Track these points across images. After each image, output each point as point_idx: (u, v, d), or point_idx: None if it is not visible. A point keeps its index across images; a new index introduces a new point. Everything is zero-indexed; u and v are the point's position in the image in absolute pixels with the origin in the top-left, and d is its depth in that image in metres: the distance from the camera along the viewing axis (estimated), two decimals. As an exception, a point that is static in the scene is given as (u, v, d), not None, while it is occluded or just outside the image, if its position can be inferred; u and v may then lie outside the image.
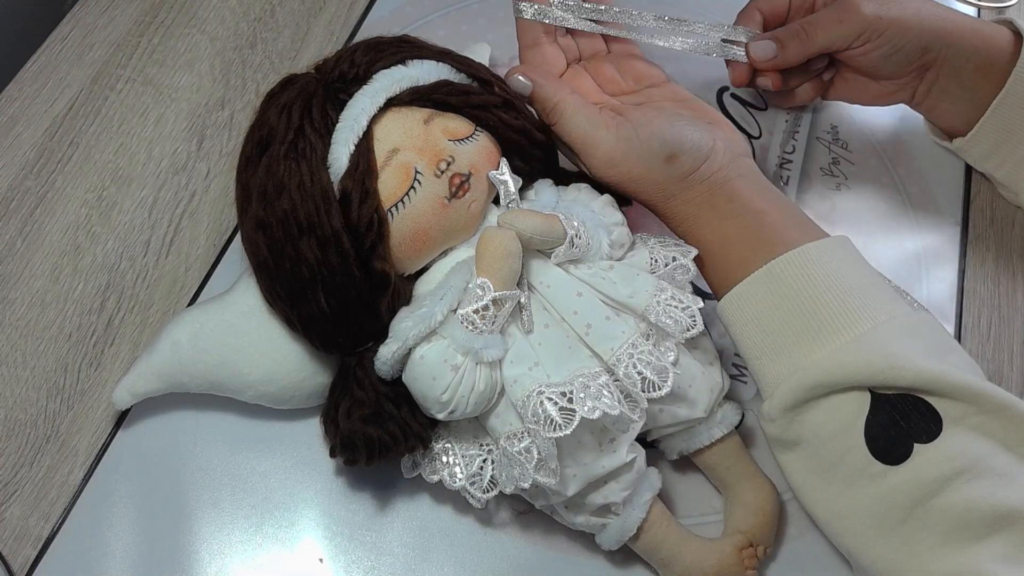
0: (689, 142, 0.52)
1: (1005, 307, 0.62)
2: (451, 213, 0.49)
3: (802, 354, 0.46)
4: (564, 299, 0.49)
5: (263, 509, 0.53)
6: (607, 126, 0.52)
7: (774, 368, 0.47)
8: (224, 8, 0.74)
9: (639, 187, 0.53)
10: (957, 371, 0.44)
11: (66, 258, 0.61)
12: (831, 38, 0.59)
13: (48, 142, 0.66)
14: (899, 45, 0.59)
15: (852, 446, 0.44)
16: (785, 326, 0.47)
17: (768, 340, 0.48)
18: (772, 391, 0.47)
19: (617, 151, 0.52)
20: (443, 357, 0.46)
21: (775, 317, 0.48)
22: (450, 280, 0.48)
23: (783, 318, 0.47)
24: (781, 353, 0.47)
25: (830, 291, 0.47)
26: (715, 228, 0.52)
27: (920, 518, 0.43)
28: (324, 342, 0.50)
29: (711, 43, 0.61)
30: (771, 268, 0.48)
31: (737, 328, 0.50)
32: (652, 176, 0.52)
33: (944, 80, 0.60)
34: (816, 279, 0.47)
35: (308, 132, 0.49)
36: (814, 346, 0.46)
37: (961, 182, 0.67)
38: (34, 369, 0.57)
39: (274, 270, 0.49)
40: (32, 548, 0.52)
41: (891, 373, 0.44)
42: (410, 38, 0.55)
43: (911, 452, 0.43)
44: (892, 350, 0.44)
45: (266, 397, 0.53)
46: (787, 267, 0.48)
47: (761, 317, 0.48)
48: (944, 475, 0.42)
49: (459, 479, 0.49)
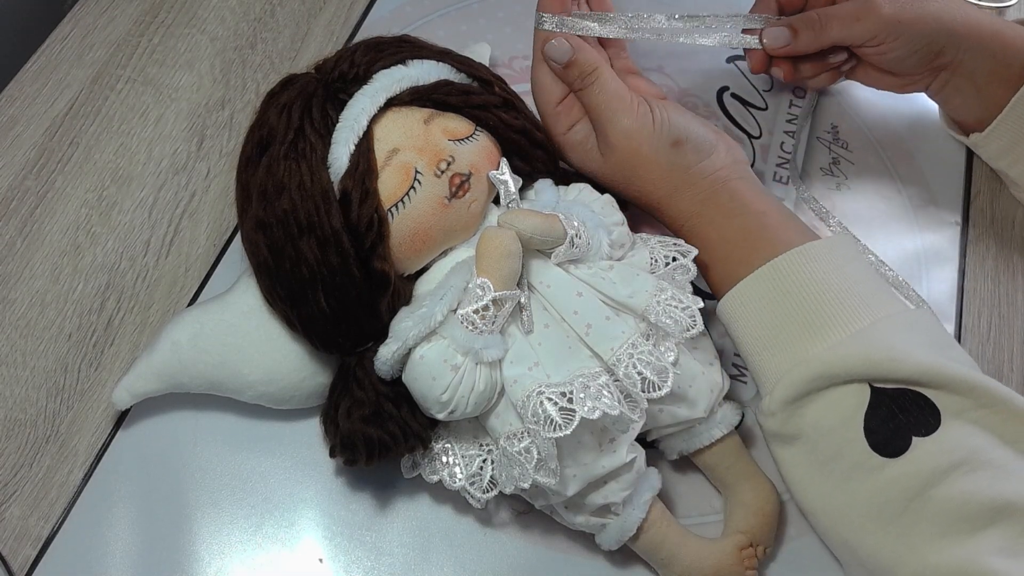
0: (695, 134, 0.54)
1: (1005, 307, 0.62)
2: (451, 213, 0.49)
3: (803, 347, 0.47)
4: (564, 299, 0.49)
5: (263, 509, 0.53)
6: (631, 98, 0.54)
7: (775, 362, 0.48)
8: (224, 8, 0.74)
9: (647, 172, 0.54)
10: (956, 365, 0.45)
11: (66, 258, 0.61)
12: (846, 33, 0.59)
13: (48, 142, 0.66)
14: (914, 48, 0.59)
15: (851, 439, 0.45)
16: (787, 322, 0.48)
17: (770, 336, 0.48)
18: (772, 386, 0.47)
19: (634, 125, 0.53)
20: (443, 357, 0.46)
21: (777, 313, 0.48)
22: (450, 280, 0.48)
23: (785, 314, 0.48)
24: (782, 348, 0.48)
25: (831, 288, 0.47)
26: (717, 226, 0.52)
27: (918, 510, 0.43)
28: (324, 342, 0.50)
29: (732, 34, 0.61)
30: (774, 265, 0.49)
31: (739, 325, 0.50)
32: (658, 159, 0.53)
33: (958, 79, 0.61)
34: (818, 276, 0.48)
35: (308, 132, 0.49)
36: (815, 340, 0.47)
37: (961, 182, 0.67)
38: (34, 369, 0.57)
39: (274, 270, 0.49)
40: (32, 548, 0.52)
41: (890, 366, 0.44)
42: (410, 38, 0.55)
43: (909, 445, 0.44)
44: (891, 343, 0.45)
45: (266, 397, 0.53)
46: (790, 265, 0.49)
47: (763, 314, 0.49)
48: (942, 467, 0.43)
49: (459, 479, 0.49)
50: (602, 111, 0.54)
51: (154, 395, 0.53)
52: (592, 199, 0.54)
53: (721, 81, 0.70)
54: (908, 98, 0.69)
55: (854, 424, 0.45)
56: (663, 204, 0.54)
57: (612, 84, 0.54)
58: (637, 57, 0.71)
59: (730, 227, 0.52)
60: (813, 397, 0.46)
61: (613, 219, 0.53)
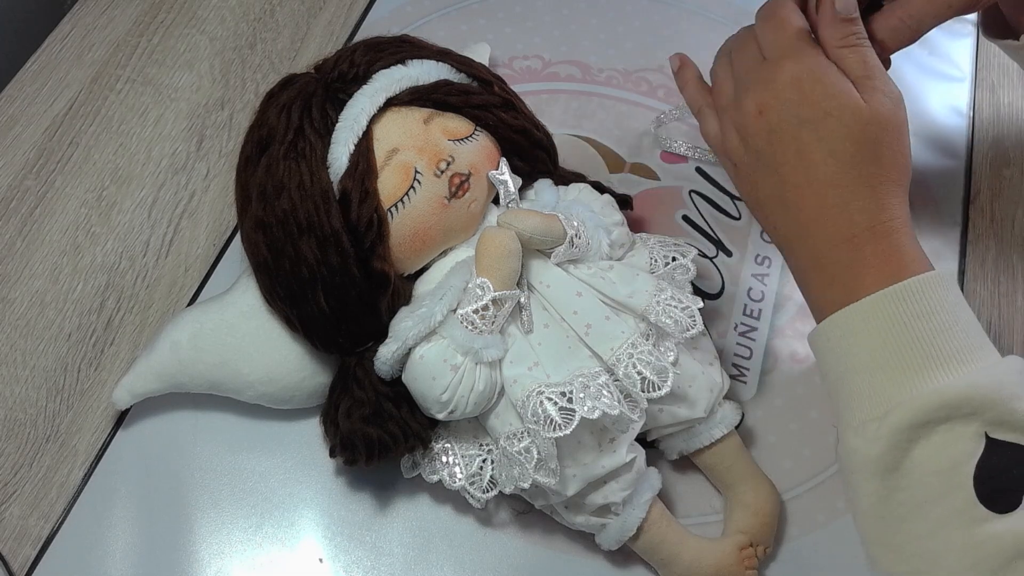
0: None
1: (1005, 307, 0.62)
2: (451, 213, 0.49)
3: (930, 376, 0.44)
4: (564, 299, 0.49)
5: (263, 509, 0.53)
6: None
7: (892, 386, 0.45)
8: (224, 8, 0.74)
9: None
10: None
11: (66, 258, 0.61)
12: None
13: (48, 142, 0.66)
14: None
15: (958, 485, 0.42)
16: (913, 346, 0.45)
17: (893, 357, 0.45)
18: (885, 410, 0.44)
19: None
20: (443, 357, 0.46)
21: (904, 336, 0.45)
22: (450, 280, 0.48)
23: (912, 338, 0.45)
24: (906, 372, 0.44)
25: (960, 321, 0.45)
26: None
27: (1018, 571, 0.41)
28: (324, 342, 0.50)
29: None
30: (907, 287, 0.45)
31: (855, 340, 0.46)
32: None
33: None
34: (948, 307, 0.45)
35: (308, 132, 0.49)
36: (943, 370, 0.44)
37: (961, 182, 0.67)
38: (34, 369, 0.57)
39: (274, 270, 0.49)
40: (32, 548, 0.52)
41: (1014, 406, 0.42)
42: (410, 38, 0.55)
43: (1020, 503, 0.42)
44: (1016, 391, 0.43)
45: (266, 397, 0.53)
46: (923, 289, 0.45)
47: (889, 333, 0.45)
48: None
49: (459, 479, 0.49)
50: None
51: (154, 395, 0.53)
52: (592, 199, 0.54)
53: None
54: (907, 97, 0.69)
55: (964, 470, 0.42)
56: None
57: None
58: (636, 57, 0.71)
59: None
60: (928, 431, 0.43)
61: (613, 219, 0.53)
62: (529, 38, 0.72)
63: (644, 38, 0.73)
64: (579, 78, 0.71)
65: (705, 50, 0.55)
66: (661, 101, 0.69)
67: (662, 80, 0.70)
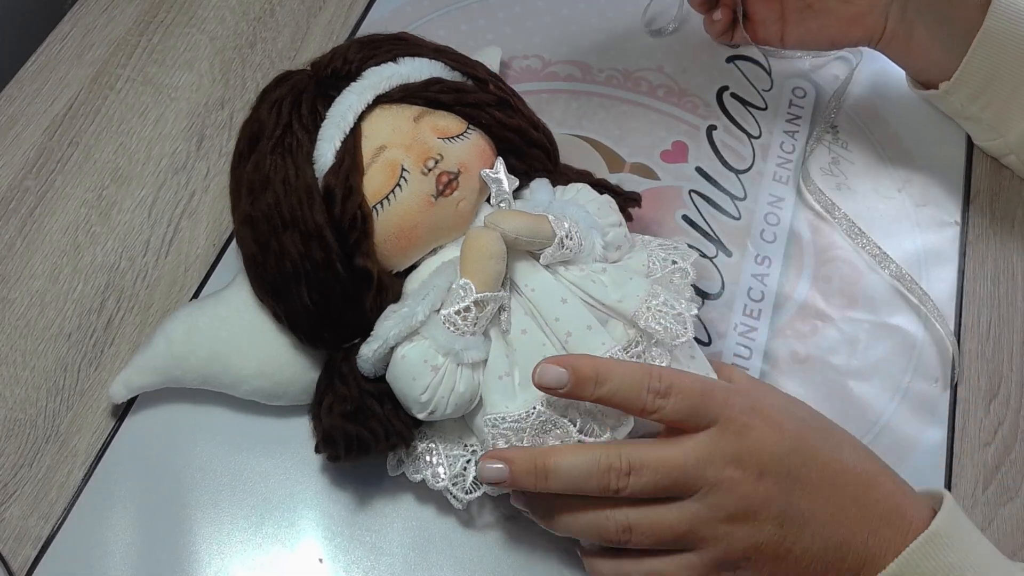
0: None
1: (1005, 307, 0.62)
2: (438, 211, 0.49)
3: None
4: (547, 304, 0.48)
5: (263, 509, 0.53)
6: None
7: None
8: (224, 8, 0.74)
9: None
10: None
11: (66, 258, 0.61)
12: None
13: (48, 142, 0.66)
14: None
15: None
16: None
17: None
18: None
19: None
20: (423, 357, 0.46)
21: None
22: (434, 280, 0.48)
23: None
24: None
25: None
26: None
27: None
28: (309, 337, 0.50)
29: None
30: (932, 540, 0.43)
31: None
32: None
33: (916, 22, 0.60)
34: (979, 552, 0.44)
35: (296, 128, 0.49)
36: None
37: (961, 182, 0.67)
38: (34, 369, 0.57)
39: (260, 264, 0.49)
40: (32, 548, 0.52)
41: None
42: (407, 35, 0.55)
43: None
44: None
45: (260, 392, 0.53)
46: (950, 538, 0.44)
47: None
48: None
49: (442, 479, 0.49)
50: None
51: (150, 389, 0.53)
52: (588, 199, 0.53)
53: (721, 81, 0.70)
54: (908, 97, 0.69)
55: None
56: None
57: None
58: (636, 57, 0.71)
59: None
60: None
61: (609, 220, 0.52)
62: (529, 38, 0.72)
63: (644, 38, 0.73)
64: (579, 78, 0.70)
65: (705, 50, 0.55)
66: (661, 101, 0.69)
67: (662, 80, 0.70)
